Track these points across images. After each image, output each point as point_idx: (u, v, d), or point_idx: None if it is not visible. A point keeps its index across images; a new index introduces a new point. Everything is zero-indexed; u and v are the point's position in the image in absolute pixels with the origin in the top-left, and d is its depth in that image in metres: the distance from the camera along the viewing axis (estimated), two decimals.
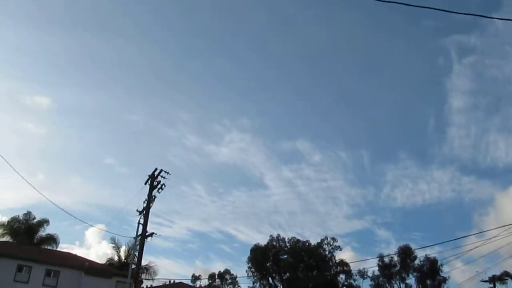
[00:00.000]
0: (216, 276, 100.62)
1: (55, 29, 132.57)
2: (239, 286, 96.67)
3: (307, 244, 74.76)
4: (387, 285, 70.83)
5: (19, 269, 36.74)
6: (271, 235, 76.19)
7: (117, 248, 54.75)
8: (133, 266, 31.99)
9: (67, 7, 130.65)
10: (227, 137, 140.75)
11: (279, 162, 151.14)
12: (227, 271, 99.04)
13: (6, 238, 51.04)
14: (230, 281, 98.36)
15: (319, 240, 74.93)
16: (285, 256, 74.74)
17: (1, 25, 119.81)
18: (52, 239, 53.32)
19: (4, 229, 52.59)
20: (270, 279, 74.97)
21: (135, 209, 30.65)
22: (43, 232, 53.92)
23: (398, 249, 70.96)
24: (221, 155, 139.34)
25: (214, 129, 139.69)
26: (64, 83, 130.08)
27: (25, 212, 54.77)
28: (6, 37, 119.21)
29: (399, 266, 69.72)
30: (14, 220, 53.66)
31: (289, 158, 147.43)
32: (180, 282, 48.26)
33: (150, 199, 30.42)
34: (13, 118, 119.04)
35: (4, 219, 57.78)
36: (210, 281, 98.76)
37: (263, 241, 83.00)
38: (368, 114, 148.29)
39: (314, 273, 72.20)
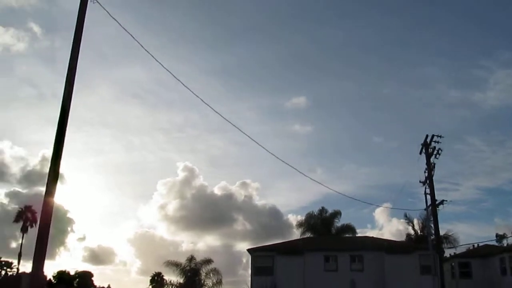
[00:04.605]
0: None
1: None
2: None
3: None
4: None
5: (326, 259, 39.61)
6: None
7: (410, 222, 54.74)
8: (432, 237, 31.47)
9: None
10: (491, 79, 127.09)
11: None
12: None
13: (307, 234, 55.93)
14: None
15: None
16: None
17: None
18: (349, 228, 56.48)
19: (304, 227, 57.88)
20: None
21: (416, 181, 30.27)
22: (338, 222, 57.53)
23: None
24: (490, 100, 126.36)
25: (473, 74, 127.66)
26: (315, 80, 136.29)
27: (320, 208, 59.30)
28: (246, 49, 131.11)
29: None
30: (310, 216, 58.69)
31: None
32: (486, 245, 45.36)
33: (430, 167, 29.64)
34: (277, 123, 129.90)
35: (299, 218, 63.71)
36: None
37: None
38: None
39: None
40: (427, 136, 30.14)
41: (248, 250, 41.32)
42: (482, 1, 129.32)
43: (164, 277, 60.47)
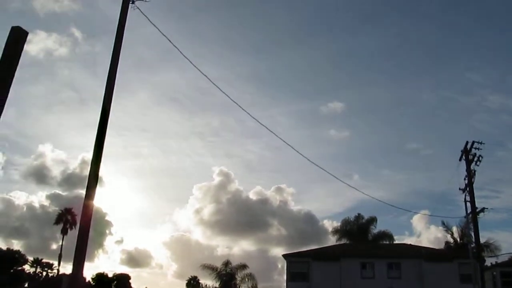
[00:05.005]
0: None
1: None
2: None
3: None
4: None
5: (363, 266, 39.14)
6: None
7: (448, 230, 53.53)
8: (472, 245, 30.67)
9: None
10: None
11: None
12: None
13: (343, 241, 55.37)
14: None
15: None
16: None
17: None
18: (386, 235, 55.65)
19: (339, 233, 57.32)
20: None
21: (456, 188, 29.57)
22: (374, 229, 56.75)
23: None
24: None
25: None
26: (351, 86, 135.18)
27: (356, 214, 58.69)
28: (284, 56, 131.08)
29: None
30: (346, 223, 58.10)
31: None
32: None
33: (470, 174, 28.91)
34: (313, 128, 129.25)
35: (335, 224, 63.11)
36: None
37: None
38: None
39: None
40: (467, 142, 29.48)
41: (284, 255, 41.22)
42: None
43: (200, 281, 61.03)
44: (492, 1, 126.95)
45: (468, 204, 29.03)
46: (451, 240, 53.21)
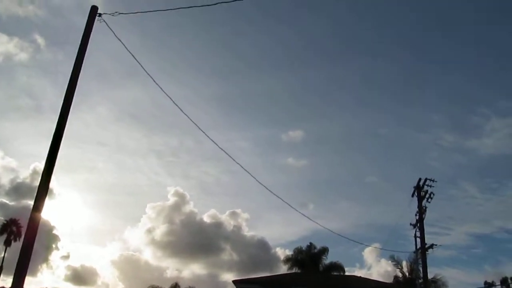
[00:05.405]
0: (509, 280, 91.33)
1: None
2: None
3: None
4: None
5: None
6: None
7: (398, 264, 54.24)
8: (420, 281, 31.17)
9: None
10: (488, 126, 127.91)
11: None
12: None
13: (295, 270, 55.23)
14: None
15: None
16: None
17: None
18: (337, 266, 55.79)
19: (291, 262, 57.19)
20: None
21: (407, 223, 30.15)
22: (326, 260, 56.86)
23: None
24: (486, 148, 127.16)
25: (471, 121, 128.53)
26: (313, 115, 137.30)
27: (308, 244, 58.69)
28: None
29: None
30: (298, 252, 57.99)
31: None
32: None
33: (421, 211, 29.55)
34: (272, 155, 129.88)
35: (288, 252, 63.10)
36: (504, 287, 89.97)
37: None
38: None
39: None
40: (419, 179, 30.22)
41: (234, 281, 40.87)
42: (483, 52, 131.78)
43: None
44: (451, 46, 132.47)
45: (418, 239, 29.60)
46: (400, 275, 53.89)
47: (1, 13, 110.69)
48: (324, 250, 57.00)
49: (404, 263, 53.64)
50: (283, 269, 57.30)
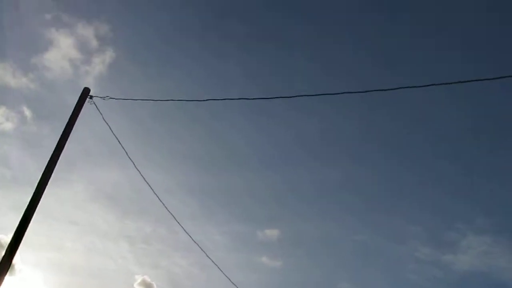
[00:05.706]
0: None
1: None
2: None
3: None
4: None
5: None
6: None
7: None
8: None
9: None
10: (464, 242, 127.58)
11: None
12: None
13: None
14: None
15: None
16: None
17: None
18: None
19: None
20: None
21: None
22: None
23: None
24: (461, 264, 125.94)
25: (447, 236, 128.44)
26: (292, 215, 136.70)
27: None
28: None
29: None
30: None
31: None
32: None
33: None
34: (246, 252, 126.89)
35: None
36: None
37: None
38: None
39: None
40: None
41: None
42: (461, 169, 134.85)
43: None
44: (434, 162, 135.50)
45: None
46: None
47: None
48: None
49: None
50: None
